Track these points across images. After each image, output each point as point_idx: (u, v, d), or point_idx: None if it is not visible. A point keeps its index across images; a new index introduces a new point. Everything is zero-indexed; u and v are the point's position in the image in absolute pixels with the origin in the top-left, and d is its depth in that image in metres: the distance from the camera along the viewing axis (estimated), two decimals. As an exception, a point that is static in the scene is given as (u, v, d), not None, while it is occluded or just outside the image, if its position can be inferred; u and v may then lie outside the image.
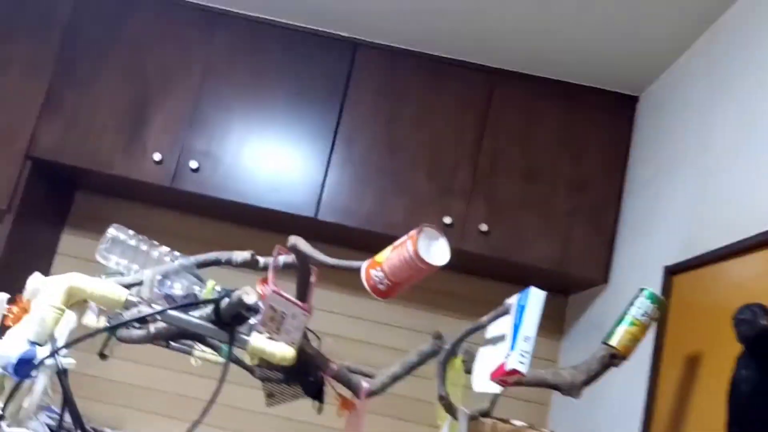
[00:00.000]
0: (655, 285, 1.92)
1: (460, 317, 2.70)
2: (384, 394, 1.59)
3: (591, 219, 2.40)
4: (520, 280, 2.60)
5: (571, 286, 2.59)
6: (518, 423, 1.62)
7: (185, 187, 2.40)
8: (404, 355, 1.60)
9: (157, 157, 2.40)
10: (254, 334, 1.28)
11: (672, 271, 1.89)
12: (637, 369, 1.94)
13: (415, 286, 2.69)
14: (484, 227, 2.37)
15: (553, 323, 2.72)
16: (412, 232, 1.21)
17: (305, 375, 1.58)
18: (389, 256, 1.22)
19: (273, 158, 2.44)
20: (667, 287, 1.89)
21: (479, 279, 2.75)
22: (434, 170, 2.42)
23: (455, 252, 2.38)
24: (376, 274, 1.24)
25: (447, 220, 2.37)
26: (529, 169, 2.43)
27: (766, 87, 1.63)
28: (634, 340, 1.57)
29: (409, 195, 2.41)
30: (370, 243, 2.36)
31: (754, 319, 1.06)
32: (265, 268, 1.49)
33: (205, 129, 2.45)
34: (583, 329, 2.52)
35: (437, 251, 1.20)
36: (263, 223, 2.68)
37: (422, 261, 1.17)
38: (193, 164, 2.40)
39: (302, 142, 2.45)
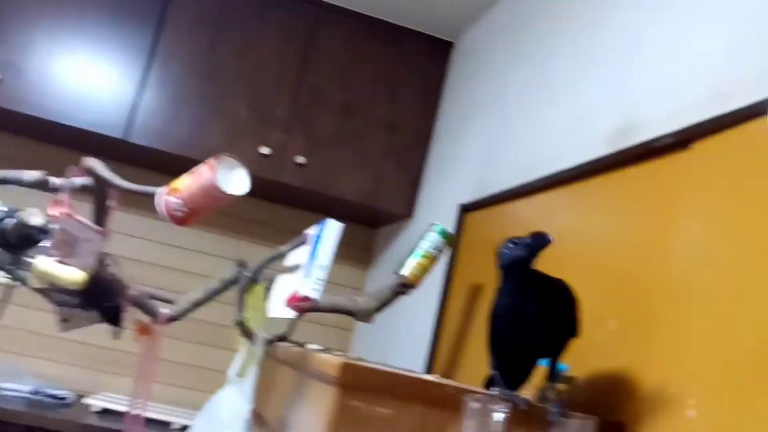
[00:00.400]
0: (450, 221, 2.08)
1: (272, 246, 2.74)
2: (186, 319, 1.62)
3: (401, 157, 2.52)
4: (332, 212, 2.69)
5: (380, 220, 2.73)
6: (313, 346, 1.72)
7: (-19, 99, 2.22)
8: (208, 282, 1.63)
9: (-54, 62, 2.19)
10: (42, 257, 1.25)
11: (466, 209, 2.06)
12: (428, 297, 2.11)
13: (227, 214, 2.70)
14: (300, 159, 2.41)
15: (362, 254, 2.86)
16: (211, 160, 1.23)
17: (102, 300, 1.56)
18: (187, 183, 1.24)
19: (83, 74, 2.31)
20: (460, 223, 2.05)
21: (294, 209, 2.79)
22: (254, 99, 2.41)
23: (272, 183, 2.43)
24: (174, 200, 1.25)
25: (264, 150, 2.38)
26: (348, 105, 2.50)
27: (562, 44, 1.78)
28: (423, 271, 1.70)
29: (227, 122, 2.39)
30: (185, 169, 2.32)
31: (510, 250, 1.19)
32: (59, 190, 1.44)
33: (7, 37, 2.26)
34: (388, 260, 2.67)
35: (236, 180, 1.23)
36: (71, 142, 2.54)
37: (220, 190, 1.20)
38: (-9, 74, 2.22)
39: (116, 60, 2.34)
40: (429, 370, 2.00)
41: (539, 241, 1.18)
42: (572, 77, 1.66)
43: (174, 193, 1.24)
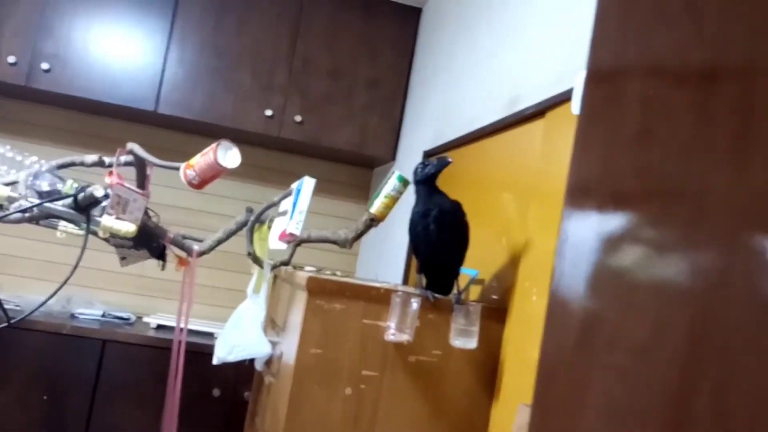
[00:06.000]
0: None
1: (282, 188, 3.28)
2: (214, 252, 2.18)
3: (383, 111, 3.01)
4: (332, 158, 3.23)
5: (373, 163, 3.25)
6: (309, 268, 2.28)
7: (39, 86, 2.76)
8: (228, 222, 2.18)
9: (11, 59, 2.72)
10: (105, 215, 1.81)
11: (428, 155, 2.56)
12: (403, 226, 2.63)
13: (244, 164, 3.21)
14: (298, 118, 2.92)
15: (361, 191, 3.39)
16: (214, 144, 1.75)
17: (149, 242, 2.14)
18: (198, 161, 1.77)
19: (116, 59, 2.83)
20: (424, 166, 2.56)
21: (299, 156, 3.32)
22: (255, 70, 2.92)
23: (276, 139, 2.95)
24: (190, 173, 1.78)
25: (268, 112, 2.90)
26: (335, 68, 2.98)
27: (490, 23, 2.23)
28: (387, 209, 2.20)
29: (235, 91, 2.90)
30: (204, 130, 2.87)
31: (422, 167, 1.69)
32: (111, 166, 1.99)
33: (53, 33, 2.78)
34: (378, 196, 3.20)
35: (231, 157, 1.76)
36: (112, 113, 3.09)
37: (220, 165, 1.73)
38: (45, 65, 2.75)
39: (140, 43, 2.85)
40: (405, 281, 2.56)
41: (443, 162, 1.69)
42: (490, 53, 2.13)
43: (189, 168, 1.78)
